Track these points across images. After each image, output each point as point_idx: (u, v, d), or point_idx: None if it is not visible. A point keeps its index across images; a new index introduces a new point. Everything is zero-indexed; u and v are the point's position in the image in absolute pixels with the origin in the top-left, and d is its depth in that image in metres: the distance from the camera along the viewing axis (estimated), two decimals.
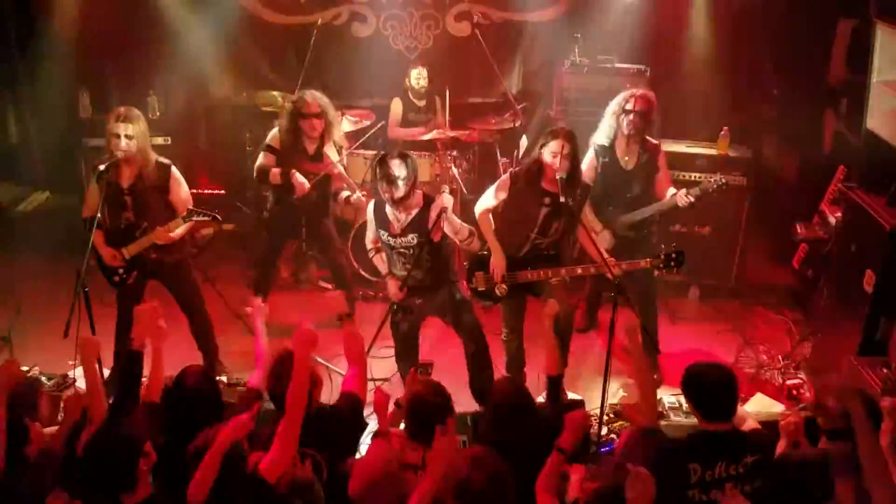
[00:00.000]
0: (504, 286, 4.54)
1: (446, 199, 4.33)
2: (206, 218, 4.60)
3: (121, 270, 4.68)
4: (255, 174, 5.42)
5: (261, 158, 5.37)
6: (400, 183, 4.25)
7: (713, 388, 3.16)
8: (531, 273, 4.53)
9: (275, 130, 5.36)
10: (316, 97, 5.22)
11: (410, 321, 4.68)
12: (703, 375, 3.20)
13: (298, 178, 5.21)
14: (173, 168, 4.69)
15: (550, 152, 4.38)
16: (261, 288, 5.93)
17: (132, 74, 6.85)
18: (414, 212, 4.40)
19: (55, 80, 6.62)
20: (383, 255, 4.68)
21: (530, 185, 4.50)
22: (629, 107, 4.85)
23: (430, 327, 5.17)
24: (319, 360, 3.98)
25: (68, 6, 6.46)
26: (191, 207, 4.60)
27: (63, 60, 6.57)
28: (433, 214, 4.34)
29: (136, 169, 4.57)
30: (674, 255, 4.31)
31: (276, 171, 5.26)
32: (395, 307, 4.58)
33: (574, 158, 4.41)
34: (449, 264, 4.65)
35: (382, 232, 4.53)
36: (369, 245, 4.75)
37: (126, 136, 4.45)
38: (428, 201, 4.41)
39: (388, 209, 4.43)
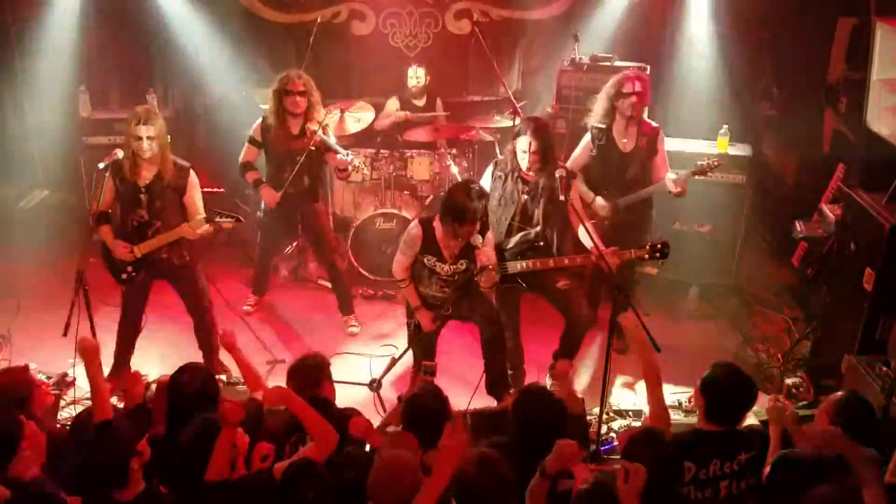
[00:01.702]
0: (495, 275, 4.51)
1: (490, 257, 4.31)
2: (228, 220, 4.63)
3: (129, 268, 4.67)
4: (239, 168, 5.49)
5: (244, 153, 5.44)
6: (477, 222, 4.22)
7: (732, 394, 3.17)
8: (521, 264, 4.53)
9: (258, 122, 5.41)
10: (301, 76, 5.28)
11: (437, 329, 4.67)
12: (726, 379, 3.21)
13: (267, 191, 5.34)
14: (192, 171, 4.71)
15: (521, 149, 4.44)
16: (259, 287, 5.95)
17: (132, 74, 6.84)
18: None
19: (55, 78, 6.61)
20: (413, 286, 4.55)
21: (509, 174, 4.56)
22: (627, 90, 4.89)
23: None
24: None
25: (68, 5, 6.45)
26: (214, 209, 4.63)
27: (63, 59, 6.57)
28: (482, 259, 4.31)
29: (154, 168, 4.58)
30: (659, 246, 4.34)
31: (251, 174, 5.39)
32: (417, 324, 4.58)
33: (545, 151, 4.43)
34: None
35: (430, 258, 4.42)
36: (401, 275, 4.53)
37: (148, 137, 4.49)
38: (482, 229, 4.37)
39: (441, 238, 4.32)
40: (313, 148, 5.29)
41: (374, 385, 4.54)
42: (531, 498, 2.97)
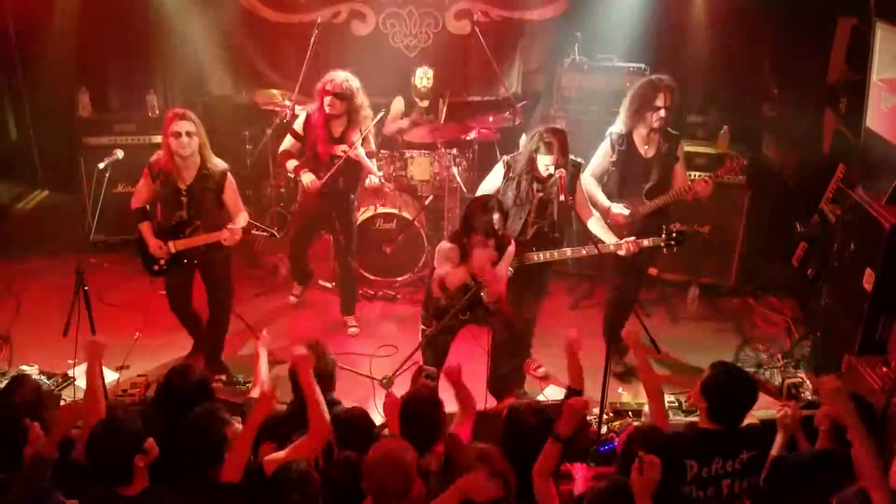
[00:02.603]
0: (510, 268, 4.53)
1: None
2: (263, 234, 4.72)
3: (162, 261, 4.70)
4: (278, 157, 5.51)
5: (284, 142, 5.43)
6: (498, 230, 4.27)
7: (733, 395, 3.17)
8: (537, 255, 4.58)
9: (302, 115, 5.40)
10: (346, 79, 5.15)
11: (451, 335, 4.66)
12: (726, 380, 3.20)
13: (306, 176, 5.27)
14: (229, 174, 4.75)
15: (543, 164, 4.49)
16: (301, 276, 5.99)
17: (132, 74, 6.84)
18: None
19: (55, 79, 6.62)
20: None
21: (524, 175, 4.59)
22: (659, 103, 4.73)
23: None
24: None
25: (68, 6, 6.45)
26: (251, 221, 4.69)
27: (63, 60, 6.57)
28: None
29: (194, 170, 4.61)
30: (674, 233, 4.45)
31: (291, 162, 5.35)
32: (436, 329, 4.50)
33: (566, 158, 4.53)
34: None
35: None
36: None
37: (187, 132, 4.50)
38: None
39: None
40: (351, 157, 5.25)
41: (386, 382, 4.53)
42: (544, 461, 3.00)
